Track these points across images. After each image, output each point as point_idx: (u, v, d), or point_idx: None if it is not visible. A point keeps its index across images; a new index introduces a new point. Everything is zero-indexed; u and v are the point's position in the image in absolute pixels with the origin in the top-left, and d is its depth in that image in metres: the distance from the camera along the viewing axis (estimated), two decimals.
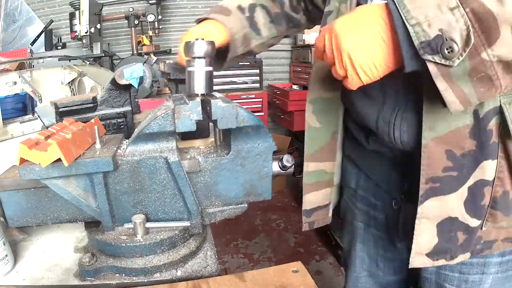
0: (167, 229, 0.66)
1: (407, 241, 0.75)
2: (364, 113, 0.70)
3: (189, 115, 0.56)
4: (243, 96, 3.16)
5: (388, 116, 0.65)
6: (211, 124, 0.86)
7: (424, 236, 0.63)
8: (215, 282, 0.62)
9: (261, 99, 3.23)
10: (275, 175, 0.70)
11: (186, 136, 0.82)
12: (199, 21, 0.84)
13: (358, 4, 0.66)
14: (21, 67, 1.97)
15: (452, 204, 0.61)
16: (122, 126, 0.83)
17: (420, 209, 0.62)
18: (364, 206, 0.86)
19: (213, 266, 0.67)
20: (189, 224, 0.66)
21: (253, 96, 3.21)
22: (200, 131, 0.83)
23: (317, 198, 0.85)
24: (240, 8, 0.83)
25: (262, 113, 3.25)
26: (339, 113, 0.78)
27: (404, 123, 0.64)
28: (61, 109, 0.76)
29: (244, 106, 0.61)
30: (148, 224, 0.65)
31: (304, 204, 0.84)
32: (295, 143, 3.52)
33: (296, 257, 2.33)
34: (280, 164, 0.69)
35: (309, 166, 0.82)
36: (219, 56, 0.83)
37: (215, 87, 0.62)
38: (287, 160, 0.69)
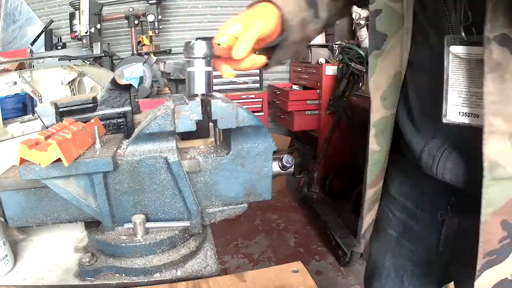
0: (167, 229, 0.66)
1: (446, 256, 0.75)
2: (410, 138, 0.69)
3: (189, 115, 0.56)
4: (243, 96, 3.16)
5: (434, 151, 0.64)
6: (211, 124, 0.86)
7: None
8: (215, 282, 0.62)
9: (261, 99, 3.23)
10: (275, 175, 0.70)
11: (186, 136, 0.82)
12: (252, 4, 0.70)
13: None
14: (21, 67, 1.97)
15: (504, 268, 0.60)
16: (122, 126, 0.83)
17: (477, 284, 0.60)
18: (403, 215, 0.81)
19: (213, 266, 0.67)
20: (189, 224, 0.66)
21: (253, 96, 3.21)
22: (200, 131, 0.83)
23: (371, 217, 0.85)
24: None
25: (262, 113, 3.25)
26: (392, 128, 0.73)
27: (449, 161, 0.62)
28: (61, 109, 0.76)
29: (244, 106, 0.61)
30: (148, 224, 0.65)
31: (362, 228, 0.84)
32: (295, 143, 3.53)
33: (296, 257, 2.33)
34: (280, 164, 0.69)
35: (369, 193, 0.80)
36: (267, 49, 0.72)
37: (215, 87, 0.62)
38: (287, 160, 0.68)
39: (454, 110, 0.58)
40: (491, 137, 0.52)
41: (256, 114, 0.63)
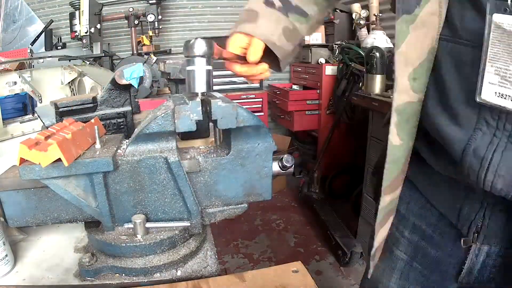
0: (167, 229, 0.66)
1: (466, 286, 0.66)
2: (446, 132, 0.53)
3: (189, 115, 0.56)
4: (243, 96, 3.16)
5: (483, 151, 0.49)
6: (211, 124, 0.86)
7: None
8: (215, 282, 0.62)
9: (261, 99, 3.23)
10: (275, 175, 0.70)
11: (186, 136, 0.82)
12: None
13: None
14: (21, 67, 1.97)
15: None
16: (122, 126, 0.83)
17: None
18: (415, 237, 0.71)
19: (213, 266, 0.67)
20: (189, 224, 0.66)
21: (253, 96, 3.21)
22: (200, 131, 0.83)
23: (383, 234, 0.69)
24: (268, 3, 0.71)
25: (262, 113, 3.25)
26: (417, 119, 0.57)
27: (503, 165, 0.48)
28: (61, 109, 0.76)
29: (244, 106, 0.61)
30: (148, 224, 0.65)
31: (374, 245, 0.69)
32: (295, 143, 3.53)
33: (296, 257, 2.33)
34: (280, 164, 0.69)
35: (385, 201, 0.64)
36: (274, 58, 0.74)
37: (215, 87, 0.62)
38: (287, 160, 0.68)
39: (490, 89, 0.46)
40: None
41: (256, 114, 0.62)
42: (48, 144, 0.54)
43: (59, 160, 0.55)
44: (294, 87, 3.49)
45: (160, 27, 2.79)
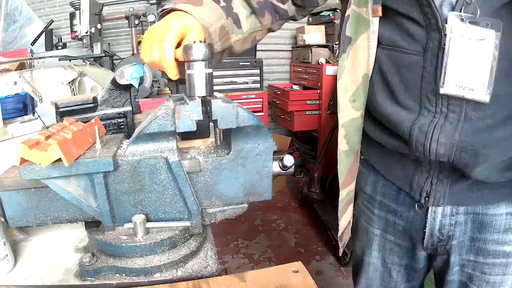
0: (168, 229, 0.66)
1: (431, 249, 0.76)
2: (395, 119, 0.67)
3: (189, 115, 0.56)
4: (243, 96, 3.16)
5: (426, 126, 0.63)
6: (211, 124, 0.86)
7: None
8: (215, 282, 0.62)
9: (261, 99, 3.23)
10: (276, 175, 0.70)
11: (186, 136, 0.82)
12: (163, 13, 0.70)
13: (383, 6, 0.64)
14: (21, 67, 1.97)
15: None
16: (122, 126, 0.83)
17: None
18: (383, 212, 0.83)
19: (213, 266, 0.67)
20: (189, 224, 0.66)
21: (254, 96, 3.21)
22: (201, 131, 0.83)
23: (345, 219, 0.86)
24: None
25: (263, 113, 3.25)
26: (361, 129, 0.76)
27: (442, 135, 0.62)
28: (61, 109, 0.76)
29: (245, 106, 0.61)
30: (148, 224, 0.65)
31: (339, 231, 0.86)
32: (295, 143, 3.53)
33: (296, 257, 2.33)
34: (280, 164, 0.69)
35: (342, 194, 0.83)
36: None
37: (215, 87, 0.62)
38: (288, 160, 0.68)
39: (451, 82, 0.59)
40: None
41: (256, 114, 0.62)
42: (49, 144, 0.54)
43: (59, 160, 0.55)
44: (295, 87, 3.50)
45: None
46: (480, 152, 0.61)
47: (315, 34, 3.19)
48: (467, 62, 0.57)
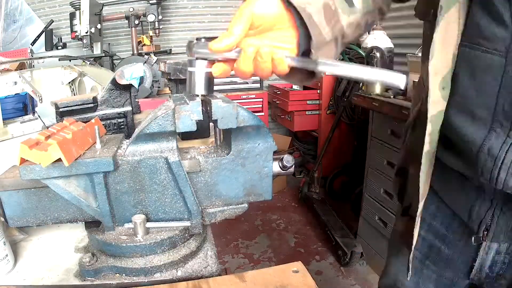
0: (168, 229, 0.66)
1: (478, 282, 0.69)
2: (462, 132, 0.56)
3: (189, 115, 0.56)
4: (243, 96, 3.16)
5: (497, 150, 0.52)
6: (211, 124, 0.86)
7: None
8: (215, 282, 0.62)
9: (261, 99, 3.24)
10: (276, 175, 0.70)
11: (186, 136, 0.82)
12: None
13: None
14: (21, 67, 1.97)
15: None
16: (122, 126, 0.83)
17: None
18: (429, 235, 0.73)
19: (213, 266, 0.67)
20: (189, 224, 0.66)
21: (254, 96, 3.21)
22: (201, 131, 0.84)
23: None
24: None
25: (263, 113, 3.26)
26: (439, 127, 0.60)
27: None
28: (61, 109, 0.76)
29: (245, 106, 0.61)
30: (149, 224, 0.65)
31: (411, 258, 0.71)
32: (295, 143, 3.53)
33: (296, 257, 2.33)
34: (280, 164, 0.69)
35: (421, 206, 0.65)
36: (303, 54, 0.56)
37: (215, 87, 0.62)
38: (288, 160, 0.68)
39: None
40: None
41: (256, 114, 0.62)
42: (49, 144, 0.54)
43: (59, 160, 0.55)
44: (294, 87, 3.49)
45: (161, 27, 2.79)
46: None
47: None
48: None
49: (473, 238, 0.65)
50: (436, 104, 0.58)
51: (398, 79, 0.51)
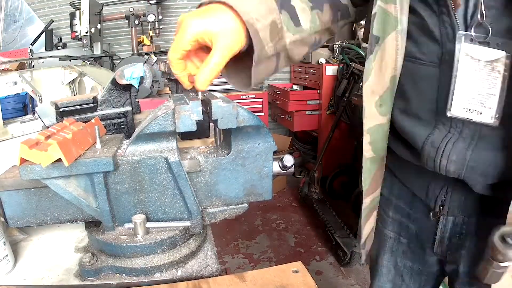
0: (168, 229, 0.66)
1: (441, 256, 0.75)
2: (409, 131, 0.66)
3: (189, 115, 0.56)
4: (243, 96, 3.16)
5: (438, 142, 0.61)
6: (211, 124, 0.86)
7: None
8: (215, 282, 0.62)
9: (261, 99, 3.23)
10: (276, 175, 0.70)
11: (186, 136, 0.82)
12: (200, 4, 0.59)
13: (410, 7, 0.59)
14: (21, 67, 1.97)
15: None
16: (122, 126, 0.83)
17: None
18: (397, 215, 0.82)
19: (213, 266, 0.67)
20: (189, 224, 0.66)
21: (254, 96, 3.21)
22: (201, 131, 0.84)
23: (369, 226, 0.84)
24: None
25: (263, 113, 3.26)
26: (387, 135, 0.71)
27: (454, 152, 0.60)
28: (61, 109, 0.76)
29: (245, 106, 0.61)
30: (149, 224, 0.65)
31: (362, 238, 0.84)
32: (295, 143, 3.53)
33: (296, 257, 2.34)
34: (280, 164, 0.69)
35: (366, 202, 0.80)
36: (243, 63, 0.61)
37: (215, 87, 0.62)
38: (288, 160, 0.68)
39: (459, 106, 0.57)
40: None
41: (256, 114, 0.62)
42: (49, 144, 0.54)
43: (59, 160, 0.55)
44: (295, 87, 3.49)
45: (161, 27, 2.79)
46: (490, 173, 0.58)
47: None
48: (476, 85, 0.55)
49: (431, 213, 0.72)
50: (372, 118, 0.70)
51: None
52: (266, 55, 0.58)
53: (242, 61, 0.60)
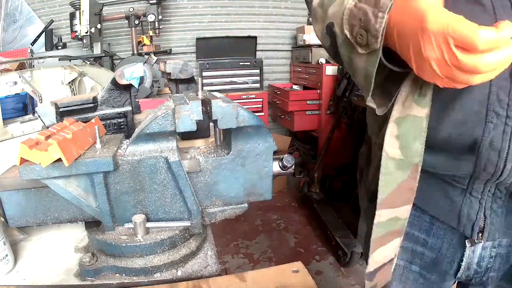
0: (168, 229, 0.66)
1: (465, 279, 0.70)
2: (457, 131, 0.54)
3: (189, 115, 0.56)
4: (243, 96, 3.16)
5: (499, 140, 0.51)
6: (211, 124, 0.86)
7: None
8: (215, 282, 0.62)
9: (261, 99, 3.23)
10: (276, 175, 0.70)
11: (186, 136, 0.82)
12: None
13: None
14: (21, 67, 1.97)
15: None
16: (122, 126, 0.83)
17: None
18: (410, 244, 0.73)
19: (213, 266, 0.67)
20: (189, 224, 0.66)
21: (254, 96, 3.21)
22: (201, 131, 0.83)
23: (384, 254, 0.66)
24: None
25: (263, 113, 3.26)
26: (425, 135, 0.55)
27: None
28: (61, 109, 0.76)
29: (245, 106, 0.61)
30: (149, 224, 0.65)
31: (369, 265, 0.66)
32: (295, 143, 3.53)
33: (296, 257, 2.33)
34: (280, 164, 0.69)
35: (381, 216, 0.61)
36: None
37: (215, 87, 0.62)
38: (288, 160, 0.68)
39: None
40: None
41: (256, 114, 0.62)
42: (49, 144, 0.54)
43: (59, 160, 0.55)
44: (295, 87, 3.49)
45: (161, 27, 2.79)
46: None
47: (315, 34, 3.18)
48: None
49: (468, 241, 0.65)
50: (406, 107, 0.55)
51: None
52: None
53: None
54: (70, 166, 0.56)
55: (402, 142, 0.56)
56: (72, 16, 2.58)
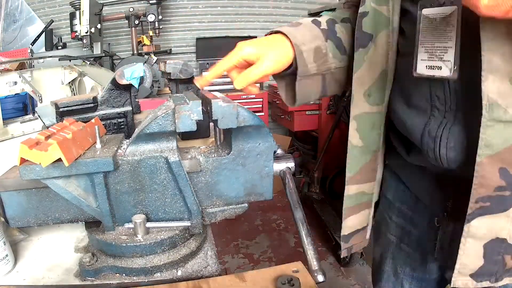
0: (168, 229, 0.66)
1: (442, 262, 0.74)
2: (409, 125, 0.65)
3: (189, 115, 0.56)
4: (243, 96, 3.16)
5: (435, 131, 0.61)
6: (211, 124, 0.86)
7: (470, 257, 0.60)
8: (215, 282, 0.62)
9: (261, 99, 3.23)
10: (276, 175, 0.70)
11: (186, 136, 0.82)
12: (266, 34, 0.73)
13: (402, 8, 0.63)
14: (21, 67, 1.97)
15: (501, 224, 0.57)
16: (122, 126, 0.83)
17: (467, 227, 0.58)
18: (400, 220, 0.81)
19: (213, 266, 0.67)
20: (189, 224, 0.66)
21: (254, 96, 3.21)
22: (201, 131, 0.84)
23: (356, 222, 0.81)
24: (316, 22, 0.73)
25: (263, 113, 3.25)
26: (382, 129, 0.72)
27: (451, 139, 0.59)
28: (61, 109, 0.76)
29: (245, 106, 0.61)
30: (149, 224, 0.65)
31: (343, 229, 0.80)
32: (295, 143, 3.53)
33: (296, 257, 2.33)
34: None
35: (350, 189, 0.77)
36: (290, 80, 0.72)
37: (215, 87, 0.62)
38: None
39: (422, 65, 0.58)
40: (490, 75, 0.50)
41: (256, 114, 0.62)
42: (49, 144, 0.54)
43: (59, 160, 0.55)
44: None
45: (161, 27, 2.79)
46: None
47: None
48: (434, 41, 0.56)
49: (436, 220, 0.71)
50: (359, 106, 0.71)
51: None
52: (308, 72, 0.69)
53: (294, 81, 0.70)
54: (70, 166, 0.56)
55: (361, 134, 0.72)
56: (72, 16, 2.58)
